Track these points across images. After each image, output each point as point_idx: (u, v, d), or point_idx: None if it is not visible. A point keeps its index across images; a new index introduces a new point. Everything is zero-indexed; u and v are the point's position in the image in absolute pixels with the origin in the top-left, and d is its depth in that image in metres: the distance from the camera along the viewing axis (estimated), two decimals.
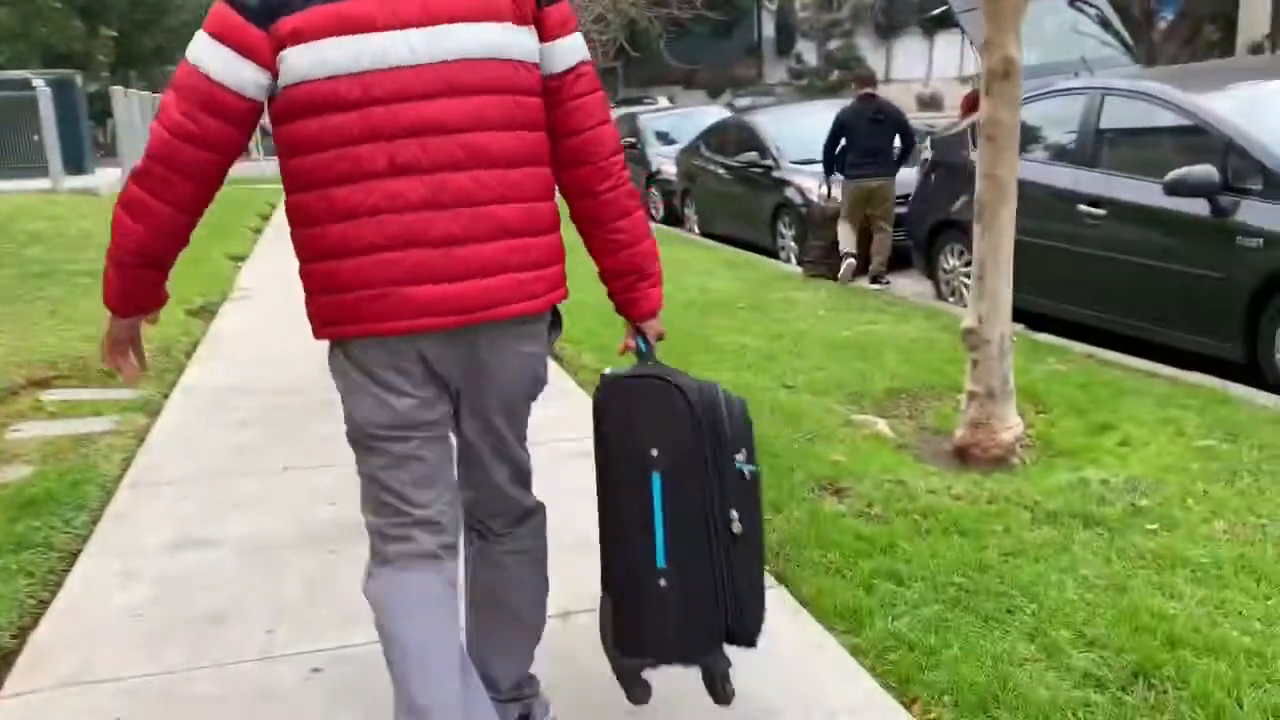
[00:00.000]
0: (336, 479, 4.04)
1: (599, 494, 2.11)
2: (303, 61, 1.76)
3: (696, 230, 12.57)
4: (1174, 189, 5.39)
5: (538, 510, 2.21)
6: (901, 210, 8.36)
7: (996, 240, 4.23)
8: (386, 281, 1.83)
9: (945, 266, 7.59)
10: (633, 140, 14.77)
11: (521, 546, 2.18)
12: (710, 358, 5.71)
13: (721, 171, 11.65)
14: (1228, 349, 5.39)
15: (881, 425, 4.66)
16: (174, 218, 1.85)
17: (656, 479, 2.01)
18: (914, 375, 5.30)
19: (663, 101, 31.48)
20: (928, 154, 7.94)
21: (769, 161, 10.60)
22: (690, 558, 2.03)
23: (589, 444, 2.14)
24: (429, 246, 1.82)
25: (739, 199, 11.22)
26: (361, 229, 1.81)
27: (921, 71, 45.02)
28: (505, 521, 2.16)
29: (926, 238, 7.74)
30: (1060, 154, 6.61)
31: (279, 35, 1.75)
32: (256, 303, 7.91)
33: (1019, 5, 4.09)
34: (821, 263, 8.50)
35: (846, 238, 8.40)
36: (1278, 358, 5.10)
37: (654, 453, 2.02)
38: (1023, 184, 6.87)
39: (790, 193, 10.13)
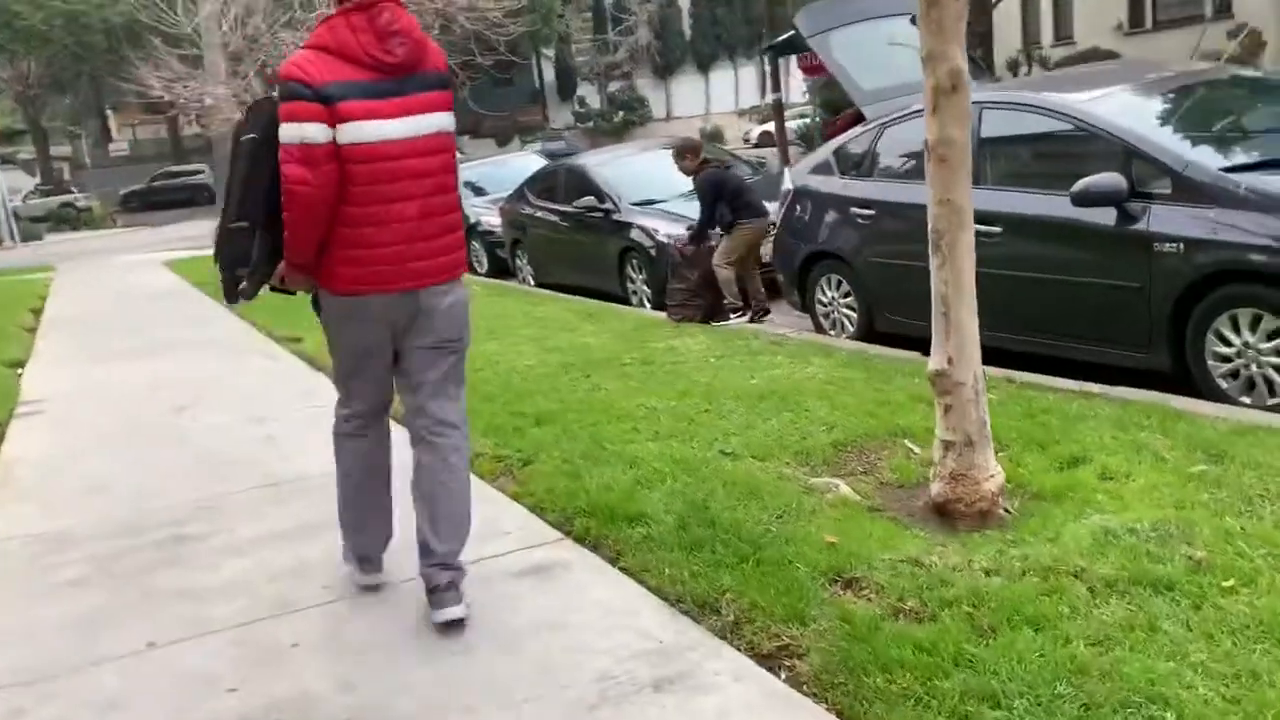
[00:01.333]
0: (224, 649, 3.15)
1: None
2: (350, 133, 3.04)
3: (531, 282, 11.92)
4: (1081, 199, 5.18)
5: (461, 426, 3.38)
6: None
7: (959, 270, 3.82)
8: (399, 261, 3.13)
9: (823, 299, 7.25)
10: None
11: (453, 454, 3.32)
12: (623, 427, 5.07)
13: (556, 219, 11.06)
14: (1152, 360, 5.21)
15: (844, 488, 4.15)
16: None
17: None
18: (849, 424, 4.84)
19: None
20: (787, 184, 7.61)
21: (608, 205, 10.10)
22: None
23: None
24: (421, 242, 3.15)
25: (579, 246, 10.65)
26: (382, 232, 3.10)
27: (700, 108, 46.14)
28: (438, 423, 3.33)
29: (798, 271, 7.39)
30: None
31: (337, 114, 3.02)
32: (53, 418, 6.68)
33: (961, 12, 3.71)
34: (688, 305, 8.05)
35: (731, 288, 8.01)
36: (1209, 364, 4.94)
37: None
38: (900, 208, 6.72)
39: (636, 235, 9.65)
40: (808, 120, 17.64)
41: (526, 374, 6.57)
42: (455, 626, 3.16)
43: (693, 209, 9.46)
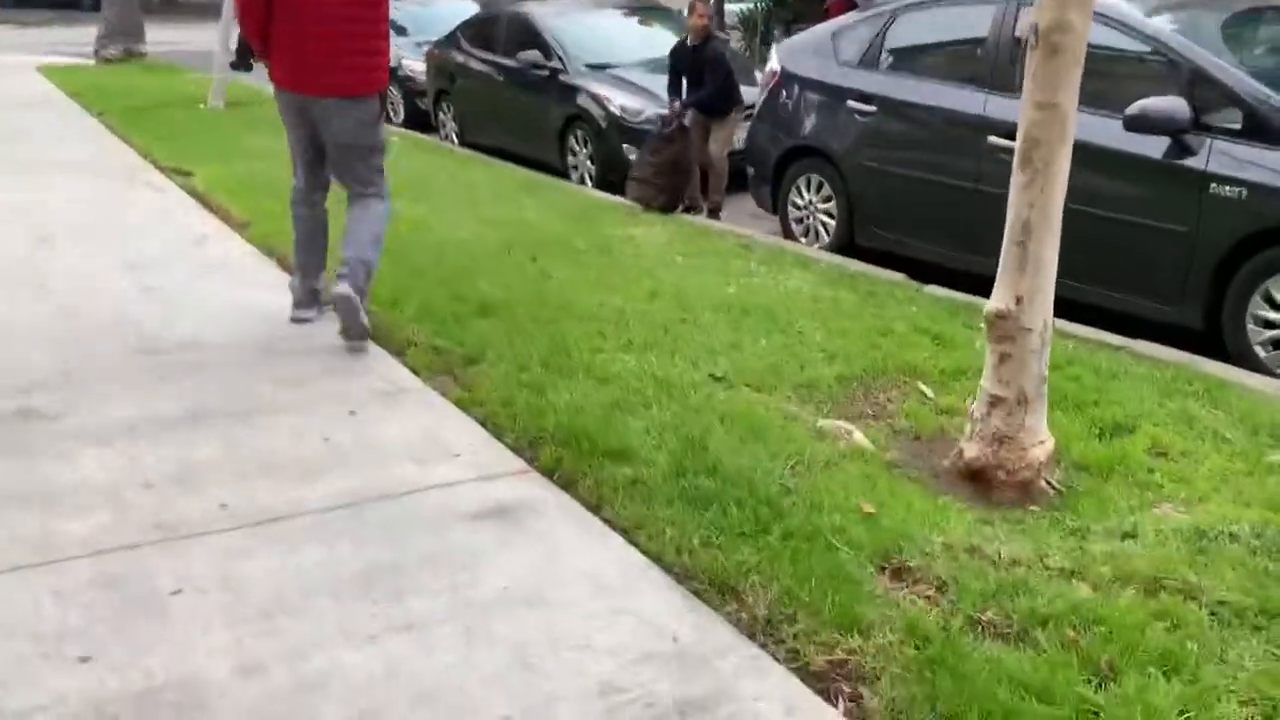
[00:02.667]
0: (77, 589, 2.36)
1: None
2: None
3: (455, 140, 10.80)
4: (1135, 124, 4.51)
5: (375, 195, 4.34)
6: None
7: (1051, 193, 3.10)
8: (311, 72, 4.09)
9: (798, 201, 6.50)
10: None
11: (365, 204, 4.30)
12: (586, 330, 4.28)
13: (492, 72, 9.93)
14: (1181, 315, 4.65)
15: (858, 435, 3.49)
16: None
17: None
18: (851, 355, 4.16)
19: None
20: (774, 64, 6.75)
21: (555, 64, 9.05)
22: None
23: None
24: (330, 61, 4.07)
25: (517, 107, 9.59)
26: (300, 48, 4.08)
27: None
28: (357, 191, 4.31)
29: (774, 166, 6.60)
30: (960, 74, 5.62)
31: None
32: None
33: None
34: (651, 185, 7.07)
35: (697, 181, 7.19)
36: (1249, 328, 4.40)
37: None
38: (908, 108, 5.97)
39: (584, 102, 8.67)
40: (752, 4, 16.52)
41: (463, 249, 5.68)
42: (348, 304, 4.01)
43: (653, 80, 8.54)
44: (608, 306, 4.64)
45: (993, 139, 5.20)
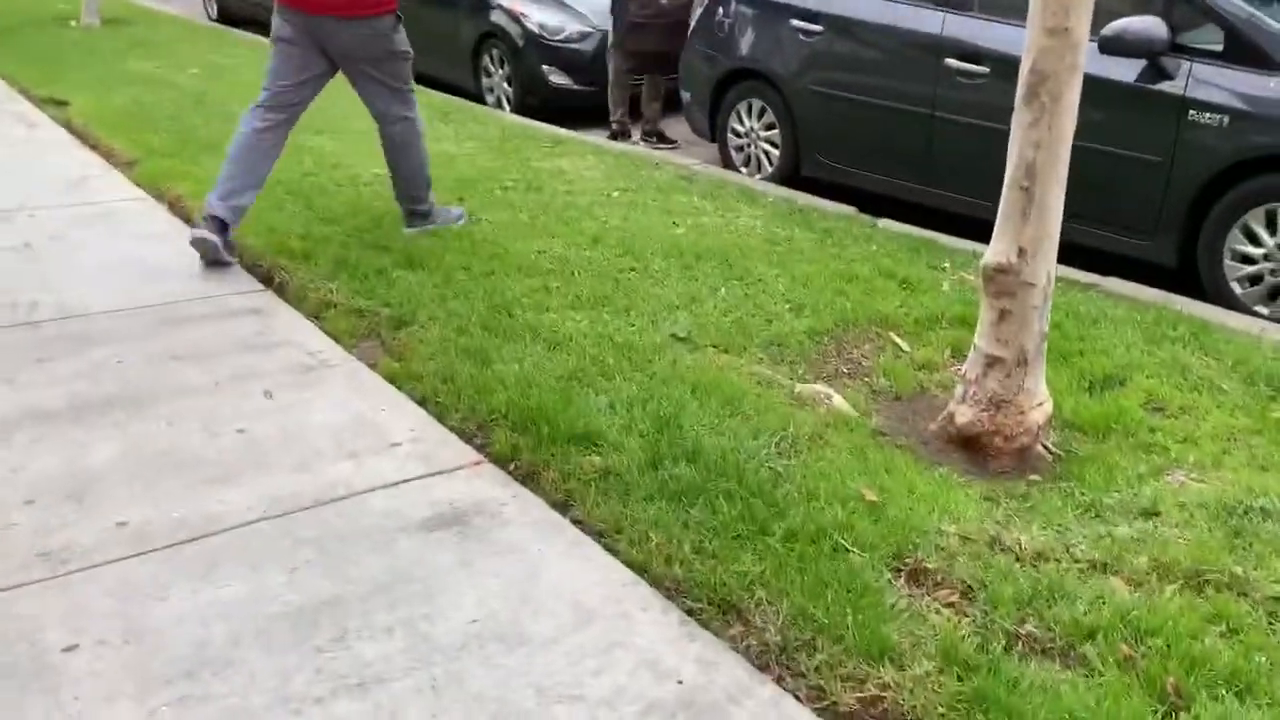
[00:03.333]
0: None
1: None
2: None
3: None
4: (1111, 45, 4.21)
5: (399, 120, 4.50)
6: None
7: (1059, 132, 2.77)
8: None
9: (738, 128, 6.10)
10: None
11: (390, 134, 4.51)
12: (528, 284, 3.86)
13: None
14: (1154, 250, 4.43)
15: (837, 400, 3.18)
16: None
17: None
18: (818, 305, 3.83)
19: None
20: None
21: None
22: None
23: None
24: None
25: (422, 23, 8.85)
26: None
27: None
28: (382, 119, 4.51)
29: (712, 91, 6.17)
30: None
31: None
32: None
33: None
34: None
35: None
36: (1227, 263, 4.19)
37: None
38: (860, 28, 5.57)
39: (499, 19, 8.05)
40: None
41: (378, 189, 5.15)
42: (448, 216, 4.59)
43: None
44: (548, 254, 4.22)
45: (950, 61, 4.87)
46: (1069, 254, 4.47)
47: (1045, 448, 3.04)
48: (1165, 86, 4.20)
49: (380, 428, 2.84)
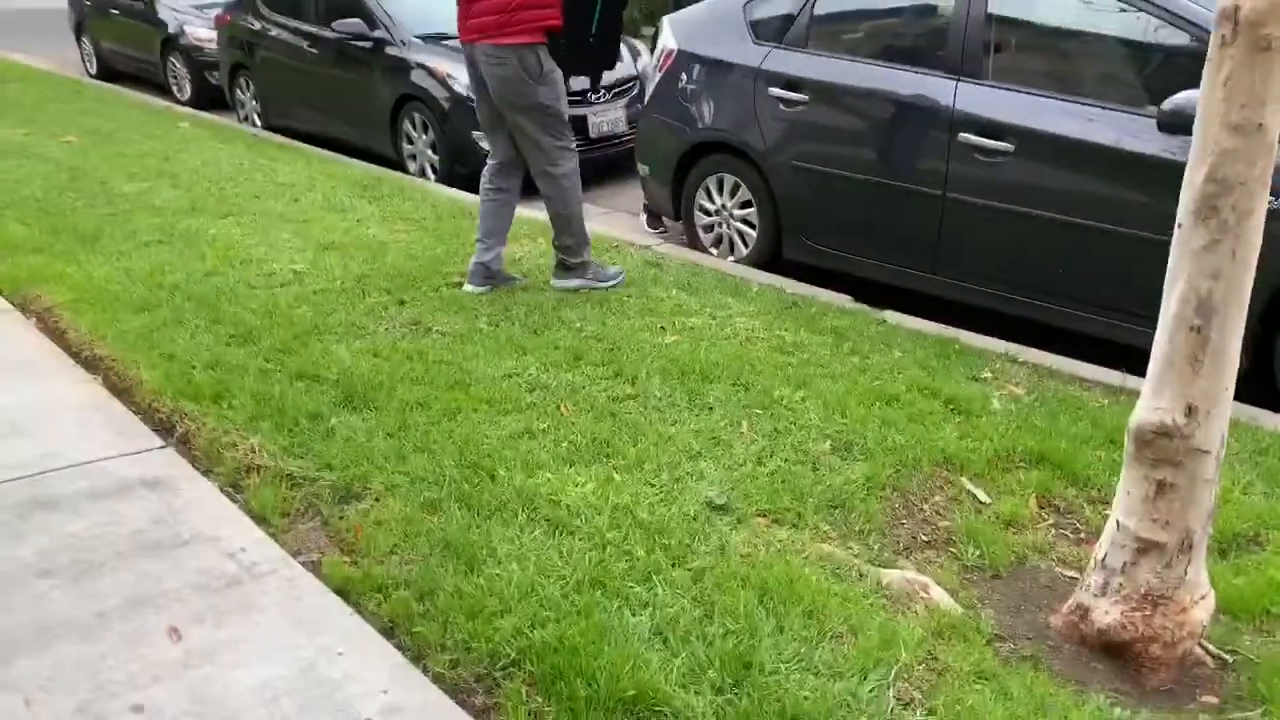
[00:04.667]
0: None
1: None
2: None
3: (258, 122, 9.14)
4: (1172, 121, 3.65)
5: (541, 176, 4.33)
6: None
7: (1243, 257, 2.12)
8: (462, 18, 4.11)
9: (708, 205, 5.41)
10: None
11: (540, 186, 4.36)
12: (507, 427, 3.06)
13: (302, 44, 8.33)
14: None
15: (935, 591, 2.47)
16: None
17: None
18: (864, 440, 3.13)
19: None
20: (668, 41, 5.59)
21: (381, 34, 7.58)
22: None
23: None
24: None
25: (337, 84, 8.05)
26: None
27: None
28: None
29: (675, 166, 5.48)
30: (916, 57, 4.65)
31: None
32: None
33: None
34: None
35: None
36: None
37: None
38: (851, 96, 4.94)
39: (421, 80, 7.26)
40: None
41: (299, 291, 4.31)
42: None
43: None
44: (522, 379, 3.43)
45: (966, 136, 4.26)
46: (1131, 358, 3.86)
47: (1204, 648, 2.37)
48: None
49: (340, 690, 2.01)
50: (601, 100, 7.21)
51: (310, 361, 3.54)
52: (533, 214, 5.19)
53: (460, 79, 7.08)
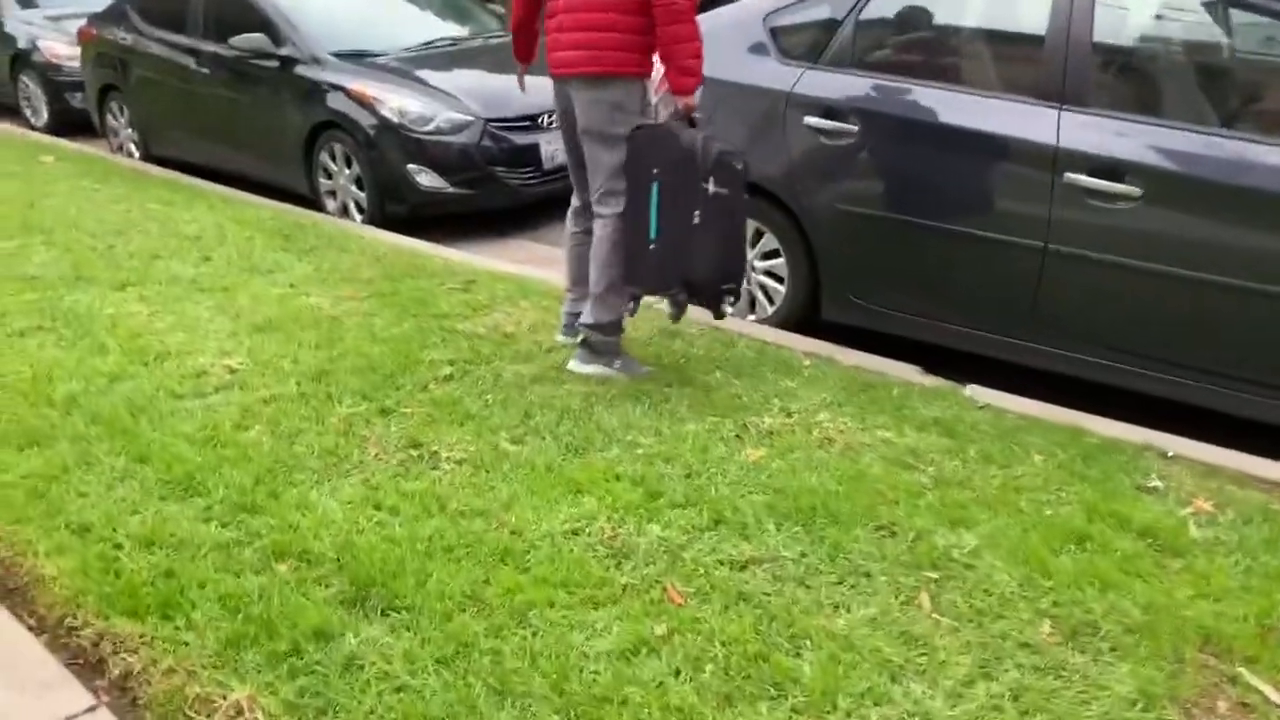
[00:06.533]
0: None
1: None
2: None
3: (135, 152, 7.87)
4: None
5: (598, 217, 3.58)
6: None
7: None
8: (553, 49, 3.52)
9: None
10: None
11: (601, 224, 3.57)
12: (605, 627, 2.12)
13: (189, 62, 7.11)
14: None
15: None
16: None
17: (655, 185, 3.36)
18: (1096, 614, 2.30)
19: None
20: None
21: (290, 51, 6.45)
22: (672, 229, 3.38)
23: None
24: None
25: (235, 111, 6.87)
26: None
27: None
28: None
29: None
30: (1000, 79, 3.87)
31: None
32: None
33: None
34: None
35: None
36: None
37: (654, 170, 3.36)
38: (915, 127, 4.08)
39: (342, 105, 6.18)
40: None
41: (244, 401, 3.25)
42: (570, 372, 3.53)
43: (440, 76, 6.24)
44: (591, 537, 2.49)
45: (1075, 177, 3.50)
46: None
47: None
48: None
49: None
50: (554, 125, 6.24)
51: (288, 524, 2.51)
52: (496, 265, 4.23)
53: (391, 102, 6.05)
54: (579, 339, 3.72)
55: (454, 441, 3.03)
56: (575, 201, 3.89)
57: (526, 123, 6.12)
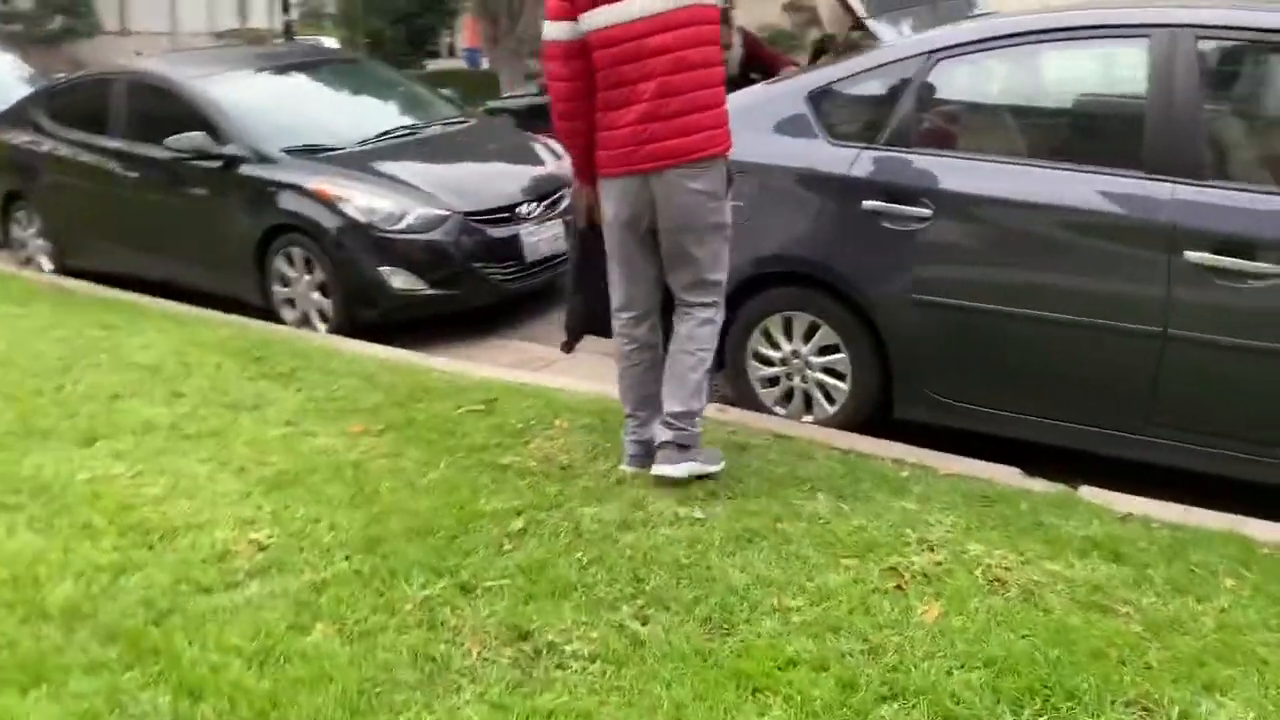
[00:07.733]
0: None
1: None
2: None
3: (47, 265, 7.11)
4: None
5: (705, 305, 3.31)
6: None
7: None
8: (636, 143, 3.08)
9: (769, 355, 4.11)
10: None
11: (696, 321, 3.31)
12: None
13: (114, 166, 6.44)
14: None
15: None
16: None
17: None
18: None
19: None
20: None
21: (233, 150, 5.85)
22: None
23: None
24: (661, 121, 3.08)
25: (170, 215, 6.21)
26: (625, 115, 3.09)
27: (165, 24, 38.41)
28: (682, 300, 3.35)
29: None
30: (1094, 153, 3.57)
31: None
32: None
33: None
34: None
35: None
36: None
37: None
38: (1015, 208, 3.65)
39: (298, 206, 5.61)
40: None
41: (288, 587, 2.66)
42: (667, 481, 3.18)
43: (404, 168, 5.73)
44: None
45: (1196, 255, 3.19)
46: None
47: None
48: None
49: None
50: (534, 215, 5.77)
51: None
52: (507, 376, 3.71)
53: (356, 202, 5.51)
54: (651, 469, 3.27)
55: (567, 626, 2.49)
56: (626, 314, 3.43)
57: (505, 214, 5.66)
